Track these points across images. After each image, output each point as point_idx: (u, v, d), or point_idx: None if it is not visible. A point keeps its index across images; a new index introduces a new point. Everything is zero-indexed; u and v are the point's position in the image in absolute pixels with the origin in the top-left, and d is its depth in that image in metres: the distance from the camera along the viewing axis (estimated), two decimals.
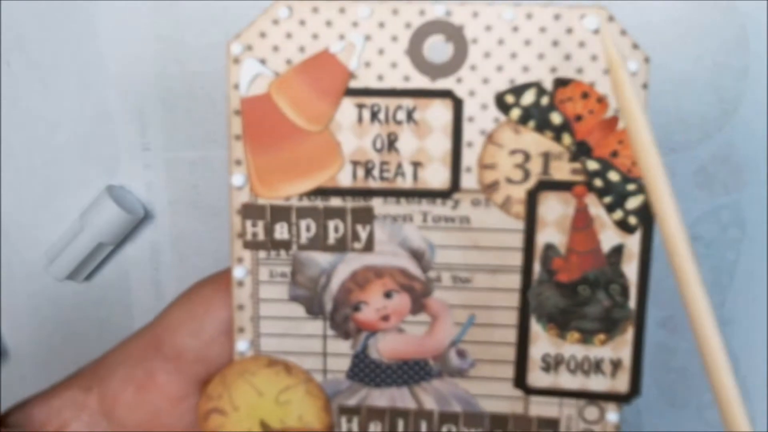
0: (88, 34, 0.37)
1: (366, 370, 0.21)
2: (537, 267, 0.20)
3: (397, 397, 0.21)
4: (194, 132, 0.38)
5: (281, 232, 0.20)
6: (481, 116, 0.19)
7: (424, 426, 0.21)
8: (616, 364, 0.20)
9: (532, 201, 0.19)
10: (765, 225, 0.39)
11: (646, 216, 0.19)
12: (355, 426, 0.21)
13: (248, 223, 0.20)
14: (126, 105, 0.37)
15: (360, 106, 0.19)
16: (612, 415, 0.20)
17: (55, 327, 0.37)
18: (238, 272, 0.20)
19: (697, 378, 0.41)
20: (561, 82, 0.19)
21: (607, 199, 0.19)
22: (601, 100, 0.19)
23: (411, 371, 0.21)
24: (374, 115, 0.19)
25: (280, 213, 0.20)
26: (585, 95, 0.19)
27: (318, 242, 0.20)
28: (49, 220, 0.38)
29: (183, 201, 0.38)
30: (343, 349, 0.20)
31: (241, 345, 0.20)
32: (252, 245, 0.20)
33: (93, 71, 0.37)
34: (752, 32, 0.38)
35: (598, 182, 0.19)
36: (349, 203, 0.20)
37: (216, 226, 0.39)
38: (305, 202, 0.20)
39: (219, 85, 0.34)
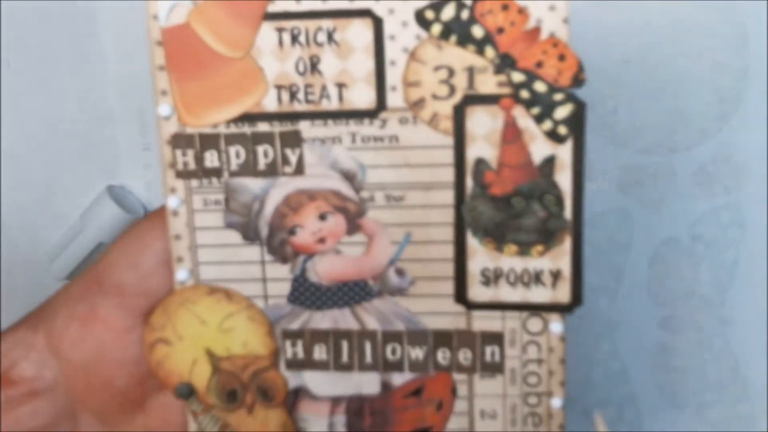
0: (88, 35, 0.39)
1: (306, 294, 0.24)
2: (469, 182, 0.23)
3: (340, 318, 0.24)
4: None
5: (211, 159, 0.23)
6: (402, 34, 0.22)
7: (368, 346, 0.24)
8: (555, 275, 0.23)
9: (459, 116, 0.22)
10: (765, 225, 0.41)
11: (576, 125, 0.22)
12: (299, 349, 0.24)
13: (178, 152, 0.23)
14: (126, 105, 0.40)
15: (280, 30, 0.22)
16: (555, 325, 0.24)
17: None
18: (172, 202, 0.23)
19: (697, 378, 0.44)
20: None
21: (535, 110, 0.22)
22: (522, 11, 0.21)
23: (351, 292, 0.24)
24: (295, 38, 0.22)
25: (208, 141, 0.23)
26: (505, 7, 0.21)
27: (248, 168, 0.23)
28: (49, 220, 0.41)
29: None
30: (282, 273, 0.24)
31: (181, 274, 0.24)
32: (184, 174, 0.23)
33: (93, 71, 0.39)
34: (752, 32, 0.40)
35: (524, 94, 0.22)
36: (277, 128, 0.22)
37: None
38: (233, 129, 0.22)
39: None
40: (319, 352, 0.24)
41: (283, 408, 0.24)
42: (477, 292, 0.23)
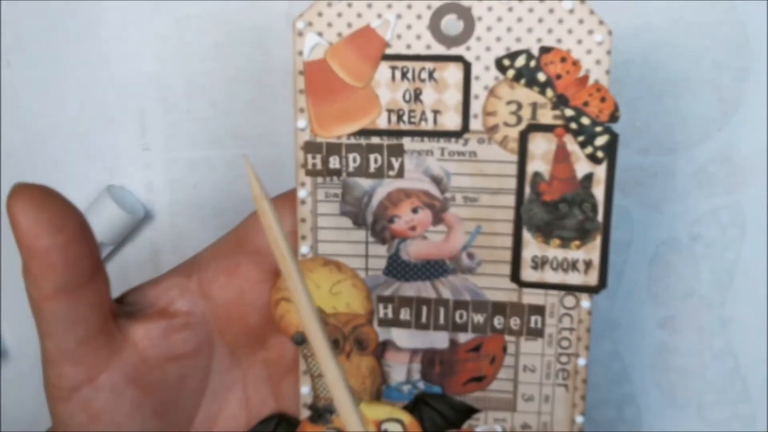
0: (88, 34, 0.40)
1: (398, 268, 0.31)
2: (527, 189, 0.30)
3: (422, 289, 0.31)
4: (194, 132, 0.41)
5: (334, 162, 0.30)
6: (484, 75, 0.29)
7: (441, 311, 0.31)
8: (588, 264, 0.30)
9: (523, 140, 0.29)
10: (765, 225, 0.42)
11: (611, 151, 0.29)
12: (389, 311, 0.31)
13: (309, 156, 0.30)
14: (126, 105, 0.40)
15: (393, 68, 0.29)
16: (585, 302, 0.30)
17: None
18: (301, 193, 0.30)
19: (697, 378, 0.44)
20: (545, 50, 0.28)
21: (581, 138, 0.29)
22: (576, 63, 0.28)
23: (432, 269, 0.31)
24: (404, 75, 0.29)
25: (333, 148, 0.30)
26: (563, 59, 0.28)
27: (362, 170, 0.30)
28: None
29: (183, 201, 0.41)
30: (380, 252, 0.31)
31: (304, 249, 0.31)
32: (312, 173, 0.30)
33: (93, 71, 0.40)
34: (752, 32, 0.40)
35: (573, 125, 0.29)
36: (385, 141, 0.29)
37: (216, 225, 0.42)
38: (352, 140, 0.30)
39: (219, 85, 0.39)
40: (404, 314, 0.31)
41: (372, 356, 0.31)
42: (527, 273, 0.30)
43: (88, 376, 0.29)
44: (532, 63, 0.28)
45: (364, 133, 0.29)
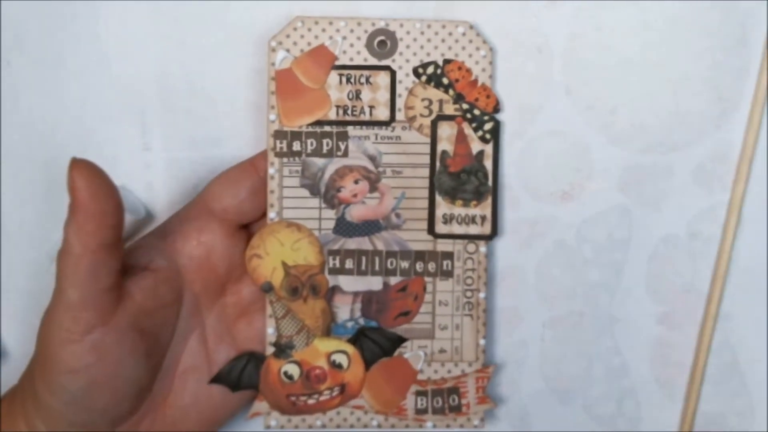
0: (88, 34, 0.40)
1: (344, 227, 0.40)
2: (438, 164, 0.40)
3: (362, 243, 0.40)
4: (194, 132, 0.41)
5: (296, 146, 0.39)
6: (405, 80, 0.39)
7: (377, 260, 0.40)
8: (483, 218, 0.41)
9: (434, 126, 0.40)
10: (764, 223, 0.42)
11: (495, 133, 0.40)
12: (337, 262, 0.40)
13: (277, 141, 0.39)
14: (126, 105, 0.40)
15: (340, 75, 0.39)
16: (482, 248, 0.41)
17: None
18: (271, 170, 0.39)
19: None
20: (447, 61, 0.39)
21: (474, 125, 0.40)
22: (468, 71, 0.39)
23: (369, 227, 0.40)
24: (348, 80, 0.39)
25: (295, 135, 0.39)
26: (459, 68, 0.40)
27: (317, 152, 0.39)
28: (49, 220, 0.41)
29: (183, 201, 0.40)
30: (330, 215, 0.40)
31: (272, 214, 0.39)
32: (279, 154, 0.39)
33: (93, 71, 0.40)
34: (752, 32, 0.40)
35: (468, 115, 0.40)
36: (335, 129, 0.39)
37: None
38: (310, 129, 0.39)
39: (219, 85, 0.40)
40: (349, 263, 0.40)
41: (324, 299, 0.40)
42: (440, 227, 0.40)
43: (102, 320, 0.35)
44: (438, 71, 0.39)
45: (319, 123, 0.39)
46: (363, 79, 0.39)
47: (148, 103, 0.40)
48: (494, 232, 0.41)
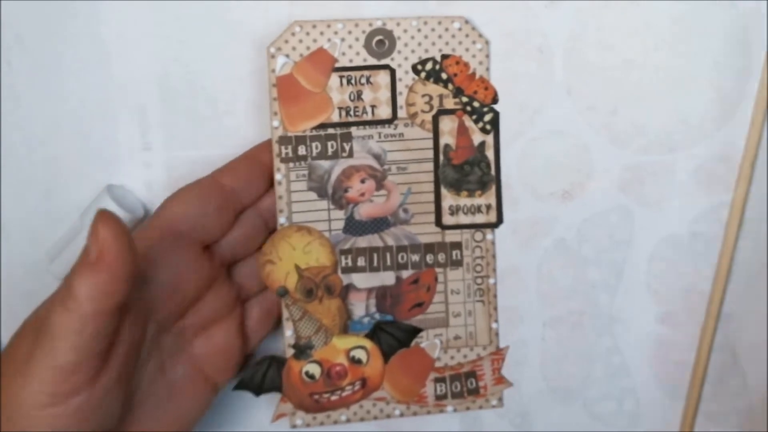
0: (88, 34, 0.39)
1: (353, 226, 0.41)
2: (441, 157, 0.41)
3: (372, 240, 0.41)
4: (194, 132, 0.41)
5: (301, 150, 0.40)
6: (405, 77, 0.40)
7: (388, 256, 0.41)
8: (488, 207, 0.42)
9: (435, 121, 0.40)
10: (765, 223, 0.43)
11: (495, 124, 0.41)
12: (349, 261, 0.41)
13: (282, 147, 0.39)
14: (126, 105, 0.40)
15: (341, 77, 0.39)
16: (489, 235, 0.42)
17: None
18: (278, 176, 0.40)
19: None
20: (445, 56, 0.40)
21: (474, 117, 0.41)
22: (466, 65, 0.40)
23: (378, 224, 0.41)
24: (348, 81, 0.40)
25: (300, 140, 0.39)
26: (457, 62, 0.40)
27: (322, 154, 0.40)
28: (49, 220, 0.41)
29: None
30: (339, 215, 0.40)
31: (281, 219, 0.40)
32: (285, 160, 0.40)
33: (93, 71, 0.40)
34: (754, 32, 0.40)
35: (468, 108, 0.41)
36: (338, 131, 0.40)
37: None
38: (314, 132, 0.39)
39: (219, 85, 0.40)
40: (361, 261, 0.41)
41: (339, 298, 0.41)
42: (447, 219, 0.41)
43: (89, 382, 0.32)
44: (437, 66, 0.40)
45: (322, 126, 0.40)
46: (363, 80, 0.40)
47: (149, 102, 0.40)
48: (500, 219, 0.41)
